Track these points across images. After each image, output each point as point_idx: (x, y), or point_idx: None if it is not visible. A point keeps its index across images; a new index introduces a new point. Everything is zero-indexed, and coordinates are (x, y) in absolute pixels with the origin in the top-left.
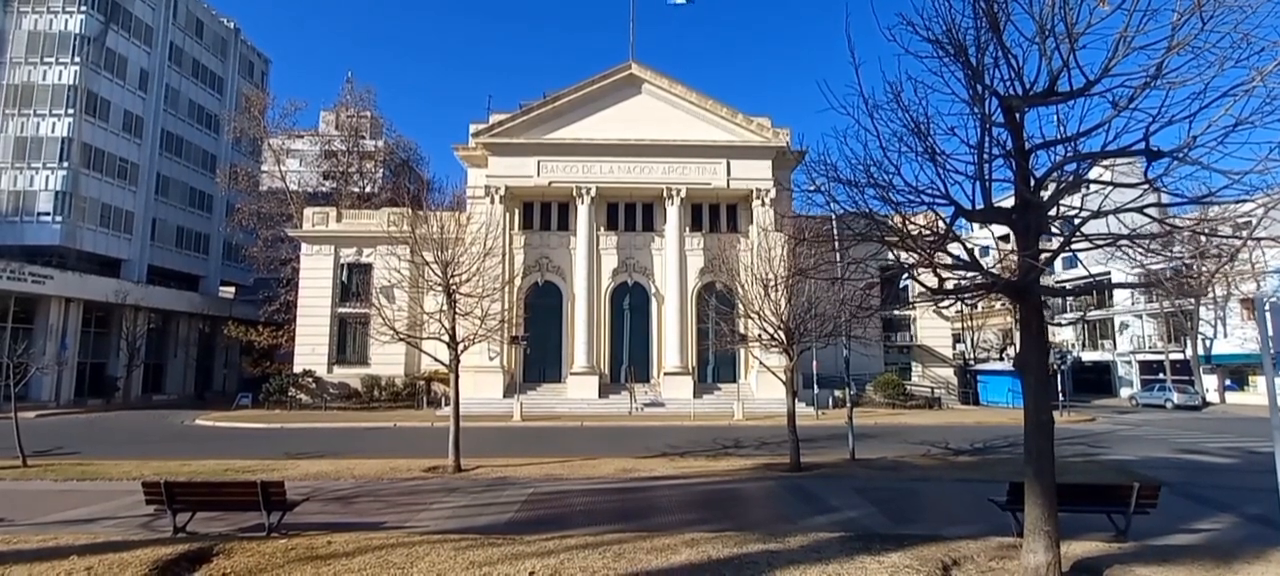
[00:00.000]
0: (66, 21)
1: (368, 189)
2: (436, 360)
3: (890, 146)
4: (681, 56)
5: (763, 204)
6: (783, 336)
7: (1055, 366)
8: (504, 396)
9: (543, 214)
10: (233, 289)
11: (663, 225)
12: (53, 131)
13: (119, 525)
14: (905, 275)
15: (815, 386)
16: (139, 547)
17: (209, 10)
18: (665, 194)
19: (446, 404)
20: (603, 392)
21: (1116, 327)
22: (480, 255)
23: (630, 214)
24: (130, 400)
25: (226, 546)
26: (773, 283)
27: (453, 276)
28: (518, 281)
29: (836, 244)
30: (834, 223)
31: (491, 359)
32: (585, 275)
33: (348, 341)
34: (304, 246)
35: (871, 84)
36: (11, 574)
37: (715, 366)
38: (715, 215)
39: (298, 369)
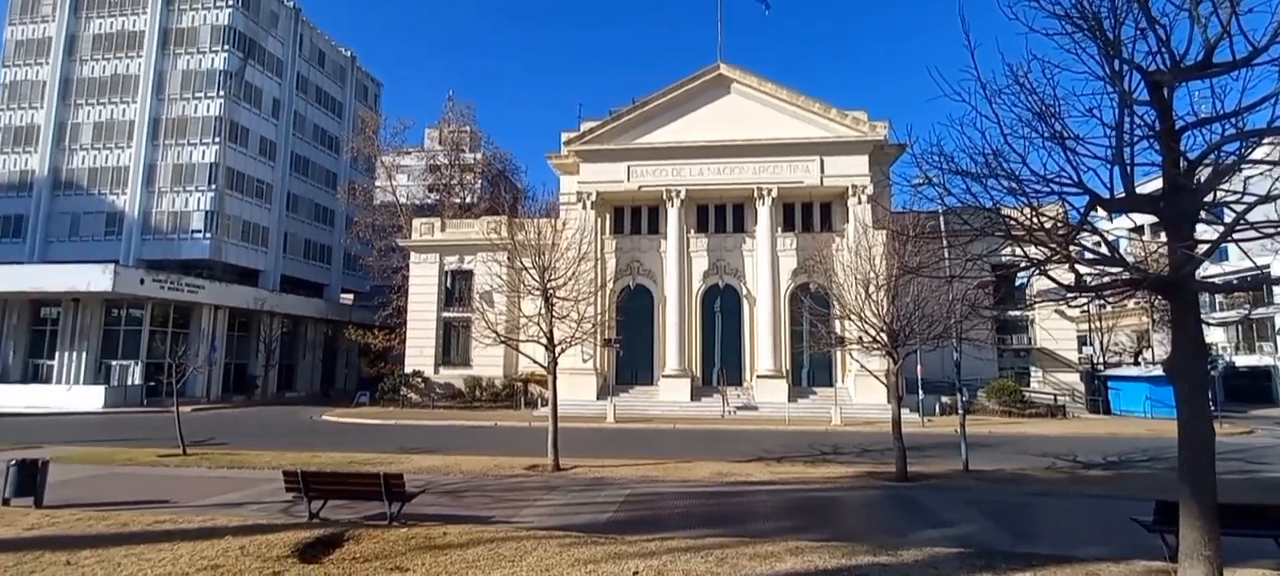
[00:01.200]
0: (213, 60)
1: (468, 199)
2: (534, 361)
3: (1013, 133)
4: (770, 57)
5: (859, 200)
6: (886, 338)
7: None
8: (597, 398)
9: (633, 218)
10: (351, 296)
11: (753, 226)
12: (203, 158)
13: (263, 509)
14: (1031, 272)
15: (920, 392)
16: (282, 530)
17: (329, 41)
18: (756, 194)
19: (543, 404)
20: (694, 395)
21: (1278, 327)
22: (575, 260)
23: (720, 215)
24: (267, 397)
25: (356, 532)
26: (874, 282)
27: (550, 281)
28: (609, 285)
29: (947, 239)
30: (941, 218)
31: (585, 361)
32: (676, 278)
33: (452, 344)
34: (412, 255)
35: (988, 67)
36: (180, 549)
37: (810, 370)
38: (808, 214)
39: (408, 369)
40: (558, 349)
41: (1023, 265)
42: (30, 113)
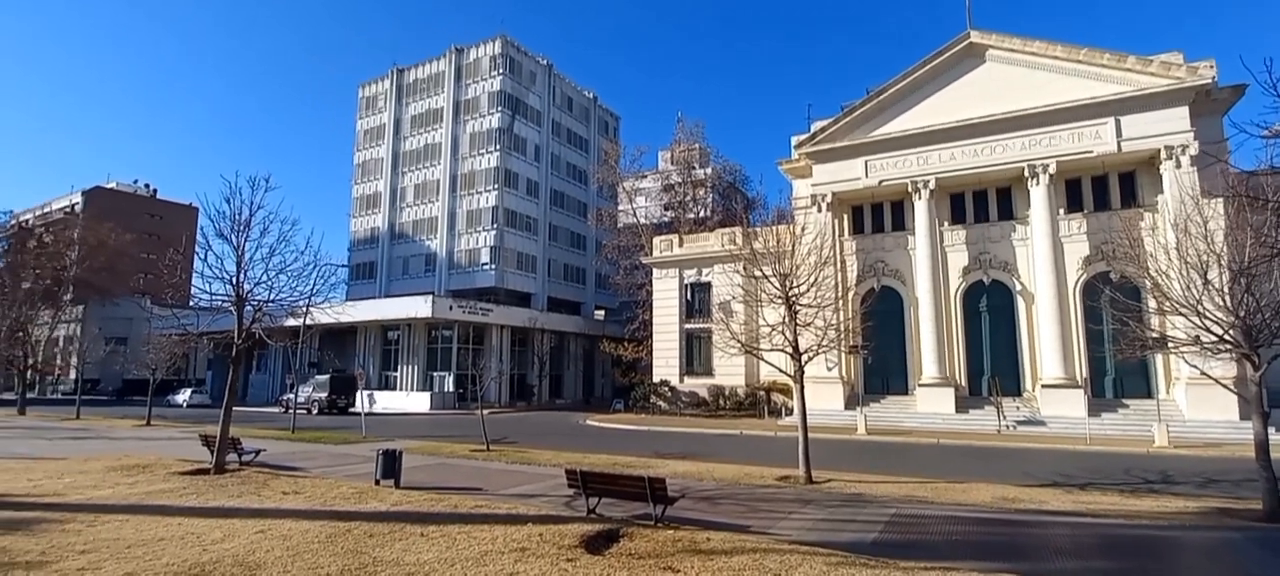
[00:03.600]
0: (490, 121)
1: (702, 214)
2: (779, 370)
3: None
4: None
5: (1178, 164)
6: (1238, 337)
7: None
8: (845, 408)
9: (874, 216)
10: (603, 312)
11: (1025, 210)
12: (487, 202)
13: (550, 501)
14: None
15: None
16: (569, 523)
17: (574, 86)
18: (1027, 173)
19: (787, 413)
20: (960, 407)
21: None
22: (816, 265)
23: (980, 203)
24: (541, 403)
25: (629, 530)
26: (1217, 265)
27: (791, 288)
28: (852, 289)
29: None
30: None
31: (830, 369)
32: (928, 277)
33: (695, 354)
34: (654, 271)
35: None
36: (495, 531)
37: (1116, 377)
38: (1100, 189)
39: (656, 379)
40: (804, 357)
41: None
42: (375, 183)
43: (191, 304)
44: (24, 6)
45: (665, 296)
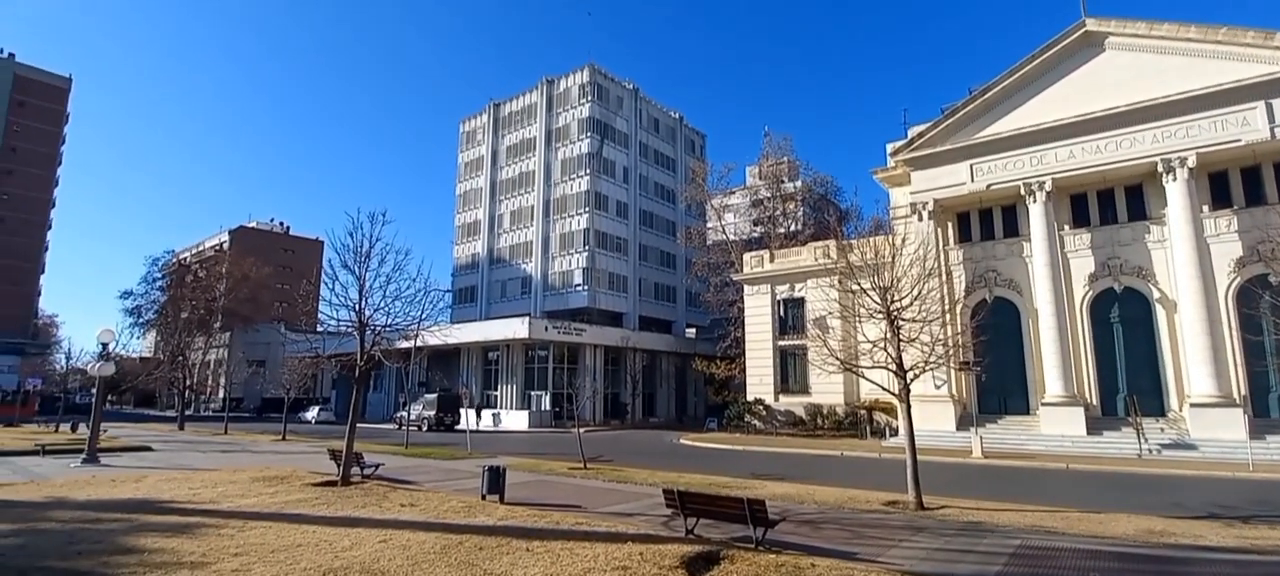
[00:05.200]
0: (581, 146)
1: (792, 228)
2: (881, 387)
3: None
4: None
5: None
6: None
7: None
8: (957, 429)
9: (982, 222)
10: (694, 330)
11: (1160, 209)
12: (578, 225)
13: (648, 520)
14: None
15: None
16: (668, 542)
17: (661, 108)
18: (1160, 168)
19: (892, 434)
20: (1092, 428)
21: None
22: (919, 277)
23: (1105, 203)
24: (635, 421)
25: (729, 553)
26: None
27: (893, 302)
28: (961, 301)
29: None
30: None
31: (938, 387)
32: (1048, 286)
33: (789, 371)
34: (745, 288)
35: None
36: (596, 548)
37: None
38: (1252, 181)
39: (749, 397)
40: (909, 375)
41: None
42: (475, 211)
43: (320, 329)
44: (193, 61)
45: (757, 313)
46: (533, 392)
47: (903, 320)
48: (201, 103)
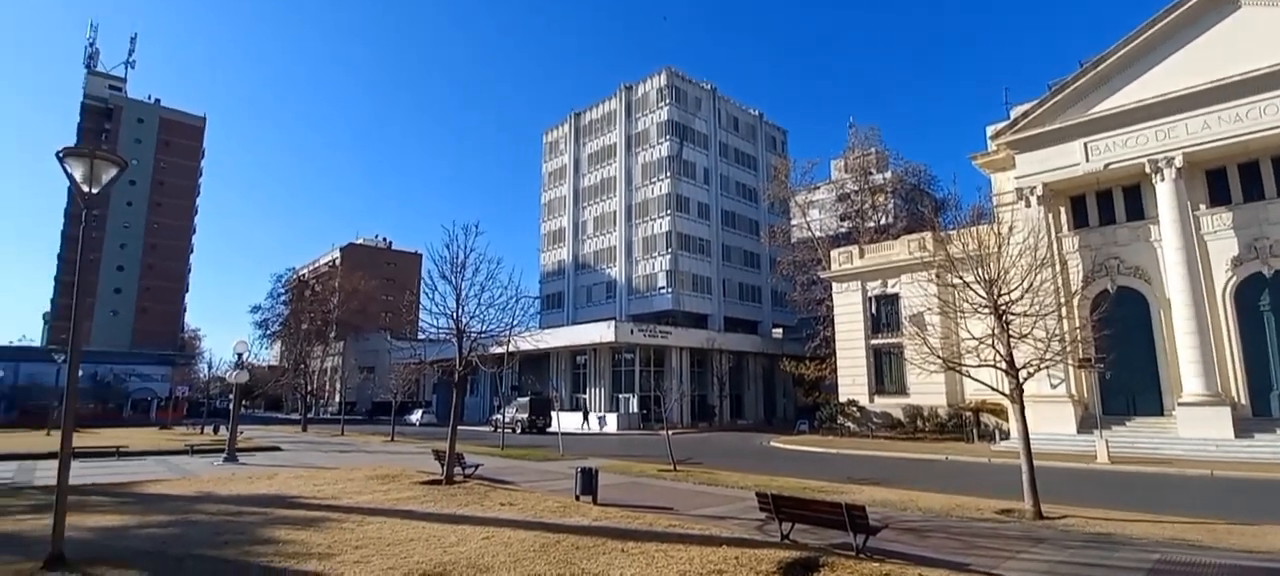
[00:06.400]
0: (661, 150)
1: (883, 221)
2: (989, 387)
3: None
4: None
5: None
6: None
7: None
8: (1078, 431)
9: (1101, 206)
10: (781, 330)
11: None
12: (660, 229)
13: (742, 524)
14: None
15: None
16: (763, 547)
17: (740, 107)
18: None
19: (1002, 437)
20: (1240, 431)
21: None
22: (1029, 268)
23: (1250, 178)
24: (722, 423)
25: (829, 560)
26: None
27: (1000, 295)
28: (1078, 292)
29: None
30: None
31: (1055, 387)
32: (1183, 272)
33: (884, 371)
34: (834, 286)
35: None
36: (691, 550)
37: None
38: None
39: (842, 398)
40: (1022, 373)
41: None
42: (559, 219)
43: (421, 336)
44: (302, 91)
45: (847, 311)
46: (620, 395)
47: (1012, 314)
48: (310, 129)
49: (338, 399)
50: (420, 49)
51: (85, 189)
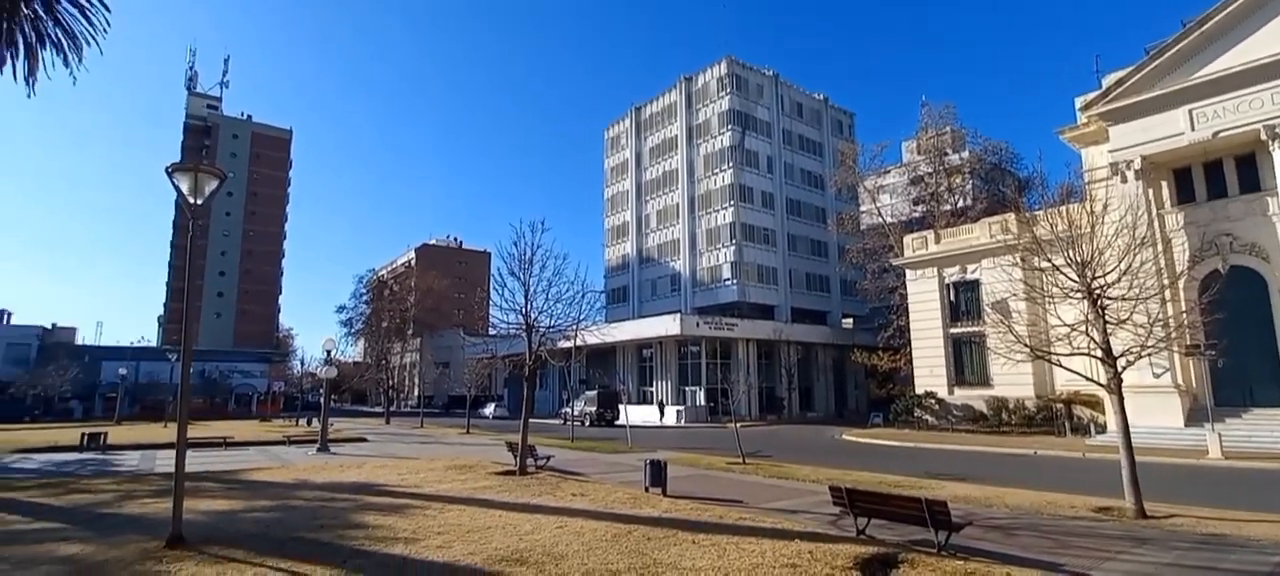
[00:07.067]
0: (722, 141)
1: (960, 204)
2: (1083, 377)
3: None
4: None
5: None
6: None
7: None
8: (1185, 424)
9: (1209, 178)
10: (851, 320)
11: None
12: (724, 220)
13: (815, 518)
14: None
15: None
16: (838, 542)
17: (804, 92)
18: None
19: (1098, 430)
20: None
21: None
22: (1130, 248)
23: None
24: (791, 416)
25: (908, 557)
26: None
27: (1094, 278)
28: (1185, 273)
29: None
30: None
31: (1158, 376)
32: None
33: (964, 362)
34: (907, 273)
35: None
36: (763, 544)
37: None
38: None
39: (918, 390)
40: (1121, 362)
41: None
42: (623, 214)
43: (492, 332)
44: (374, 99)
45: (923, 299)
46: (687, 388)
47: (1108, 299)
48: (383, 134)
49: (416, 393)
50: (483, 52)
51: (191, 200)
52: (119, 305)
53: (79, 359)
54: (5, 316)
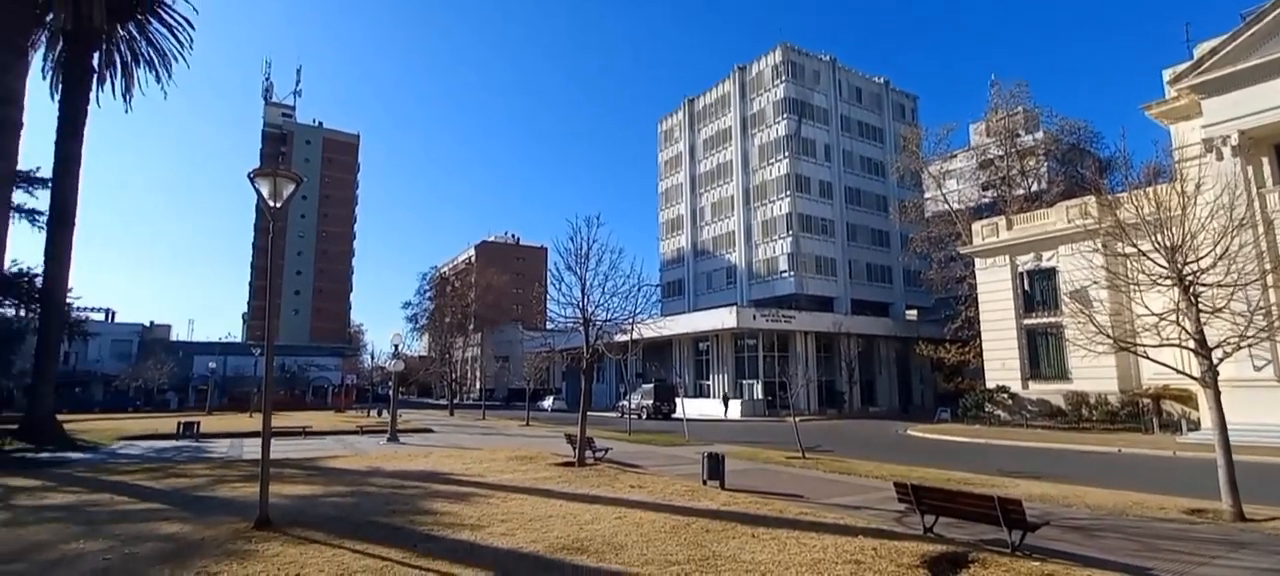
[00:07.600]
0: (778, 130)
1: (1034, 188)
2: (1173, 370)
3: None
4: None
5: None
6: None
7: None
8: None
9: None
10: (915, 312)
11: None
12: (780, 211)
13: (878, 515)
14: None
15: None
16: (904, 540)
17: (863, 76)
18: None
19: (1188, 428)
20: None
21: None
22: (1226, 231)
23: None
24: (852, 411)
25: (980, 556)
26: None
27: (1186, 263)
28: None
29: None
30: None
31: (1259, 369)
32: None
33: (1040, 354)
34: (976, 262)
35: None
36: (825, 539)
37: None
38: None
39: (989, 384)
40: (1215, 354)
41: None
42: (677, 207)
43: (549, 326)
44: (435, 103)
45: (994, 288)
46: (744, 381)
47: (1202, 286)
48: (442, 134)
49: (478, 386)
50: (538, 49)
51: (270, 203)
52: (208, 303)
53: (174, 354)
54: (110, 315)
